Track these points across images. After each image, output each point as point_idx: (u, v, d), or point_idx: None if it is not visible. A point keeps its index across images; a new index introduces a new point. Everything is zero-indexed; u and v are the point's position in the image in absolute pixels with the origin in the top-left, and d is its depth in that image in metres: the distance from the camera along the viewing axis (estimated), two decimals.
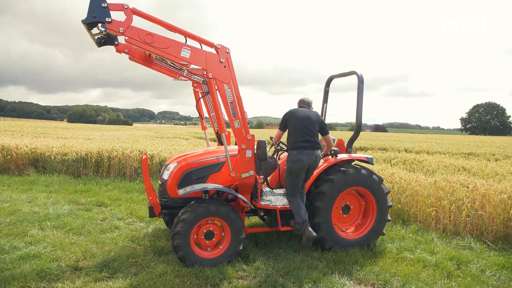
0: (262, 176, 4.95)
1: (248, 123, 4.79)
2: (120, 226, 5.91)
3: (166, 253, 4.78)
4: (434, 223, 6.20)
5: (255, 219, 6.44)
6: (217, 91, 4.58)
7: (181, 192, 4.45)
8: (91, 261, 4.45)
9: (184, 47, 4.30)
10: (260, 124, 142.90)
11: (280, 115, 5.33)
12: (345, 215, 5.33)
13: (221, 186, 4.64)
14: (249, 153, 4.64)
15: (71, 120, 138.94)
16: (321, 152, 4.88)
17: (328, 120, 5.41)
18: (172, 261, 4.51)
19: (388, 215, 5.34)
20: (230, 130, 4.78)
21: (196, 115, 5.74)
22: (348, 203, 5.32)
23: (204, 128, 5.99)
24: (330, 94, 6.12)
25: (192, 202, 4.49)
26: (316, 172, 5.05)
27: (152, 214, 4.92)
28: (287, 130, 4.86)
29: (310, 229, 4.57)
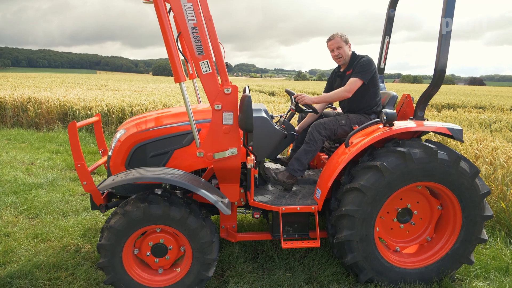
0: (253, 158, 2.94)
1: (227, 67, 2.77)
2: None
3: None
4: None
5: None
6: (171, 10, 2.65)
7: (104, 184, 2.72)
8: None
9: None
10: None
11: None
12: (402, 225, 3.15)
13: (176, 174, 2.77)
14: (227, 118, 2.71)
15: (156, 73, 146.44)
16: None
17: (414, 71, 3.09)
18: None
19: (484, 231, 3.03)
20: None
21: (273, 67, 3.88)
22: (409, 205, 3.11)
23: (192, 76, 3.98)
24: (414, 42, 3.54)
25: (129, 198, 2.75)
26: (349, 153, 2.92)
27: (93, 205, 3.34)
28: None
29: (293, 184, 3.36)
